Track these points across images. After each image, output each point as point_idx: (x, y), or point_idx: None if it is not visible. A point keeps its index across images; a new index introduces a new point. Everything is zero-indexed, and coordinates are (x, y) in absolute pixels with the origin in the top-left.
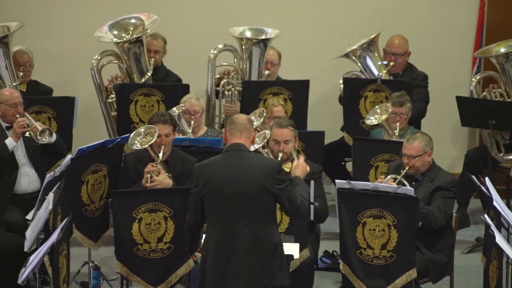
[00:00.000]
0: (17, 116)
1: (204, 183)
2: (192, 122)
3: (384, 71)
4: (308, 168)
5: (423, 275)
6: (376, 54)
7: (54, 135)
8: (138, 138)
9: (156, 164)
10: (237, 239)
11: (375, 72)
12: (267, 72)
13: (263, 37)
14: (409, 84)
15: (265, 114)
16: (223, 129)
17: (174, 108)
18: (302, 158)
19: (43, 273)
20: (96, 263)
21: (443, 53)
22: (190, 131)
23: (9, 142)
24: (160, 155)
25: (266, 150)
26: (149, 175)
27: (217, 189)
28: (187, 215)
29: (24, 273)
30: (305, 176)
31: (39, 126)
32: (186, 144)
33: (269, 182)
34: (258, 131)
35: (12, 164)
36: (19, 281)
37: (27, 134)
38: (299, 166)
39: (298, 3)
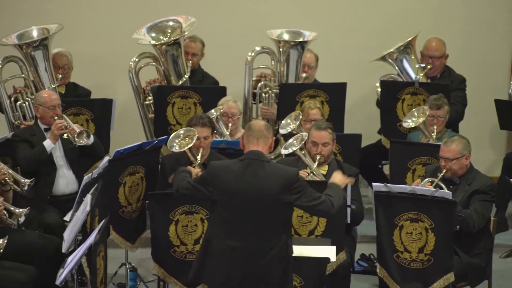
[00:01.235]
0: (56, 118)
1: (217, 188)
2: (230, 125)
3: (422, 74)
4: (346, 180)
5: (461, 279)
6: (413, 57)
7: (92, 137)
8: (177, 141)
9: (194, 166)
10: (244, 246)
11: (412, 75)
12: (304, 74)
13: (301, 39)
14: (446, 87)
15: (301, 116)
16: (241, 136)
17: (212, 111)
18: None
19: (80, 274)
20: (133, 264)
21: (481, 56)
22: (228, 133)
23: (47, 144)
24: (199, 157)
25: (303, 152)
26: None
27: (230, 199)
28: (177, 184)
29: (62, 274)
30: (343, 185)
31: (77, 128)
32: (223, 147)
33: (285, 193)
34: (295, 134)
35: (51, 165)
36: (57, 282)
37: (65, 136)
38: (337, 176)
39: (336, 6)
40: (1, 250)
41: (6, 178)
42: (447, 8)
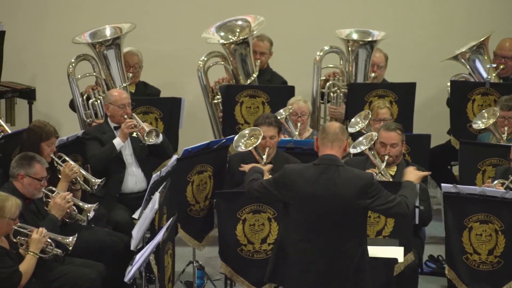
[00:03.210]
0: (125, 116)
1: (291, 192)
2: (299, 124)
3: (494, 74)
4: (421, 173)
5: None
6: (485, 57)
7: (161, 136)
8: (243, 140)
9: None
10: (319, 249)
11: (484, 75)
12: (373, 74)
13: (370, 39)
14: None
15: (370, 116)
16: (315, 137)
17: (281, 110)
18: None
19: (149, 271)
20: (200, 262)
21: None
22: (297, 133)
23: (117, 142)
24: (265, 157)
25: (372, 152)
26: None
27: (305, 203)
28: (249, 185)
29: (131, 272)
30: (419, 181)
31: (146, 127)
32: (290, 146)
33: (361, 198)
34: (364, 133)
35: (120, 164)
36: (126, 279)
37: (134, 134)
38: (411, 172)
39: (405, 5)
40: (70, 247)
41: (78, 177)
42: None
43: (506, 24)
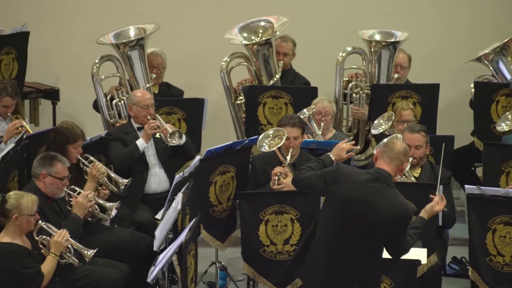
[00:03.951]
0: (149, 117)
1: (336, 189)
2: (322, 124)
3: None
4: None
5: None
6: (509, 58)
7: (184, 137)
8: (267, 141)
9: (284, 166)
10: (344, 253)
11: (508, 76)
12: (396, 75)
13: (393, 40)
14: None
15: (393, 117)
16: (377, 148)
17: (305, 110)
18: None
19: (171, 272)
20: (223, 263)
21: None
22: (320, 133)
23: (140, 143)
24: (288, 157)
25: None
26: (276, 178)
27: (345, 205)
28: (299, 171)
29: (153, 272)
30: (430, 216)
31: (169, 128)
32: (313, 147)
33: (393, 227)
34: (387, 135)
35: (143, 164)
36: (149, 280)
37: (157, 135)
38: (432, 212)
39: (428, 6)
40: (87, 260)
41: (105, 178)
42: None
43: None
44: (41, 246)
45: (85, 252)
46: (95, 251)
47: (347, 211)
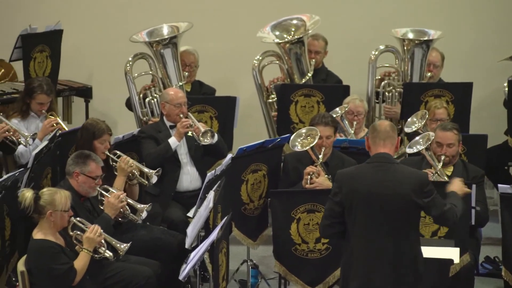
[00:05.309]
0: (181, 116)
1: (350, 194)
2: (354, 123)
3: None
4: (466, 190)
5: None
6: None
7: (216, 136)
8: (299, 140)
9: (316, 165)
10: (382, 252)
11: None
12: (429, 74)
13: (426, 38)
14: None
15: (427, 116)
16: (365, 137)
17: (337, 109)
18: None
19: (203, 270)
20: (254, 261)
21: None
22: (353, 132)
23: (172, 141)
24: (321, 156)
25: (430, 153)
26: (309, 176)
27: (364, 203)
28: (323, 220)
29: (185, 270)
30: (462, 195)
31: (202, 127)
32: (345, 146)
33: (417, 196)
34: (420, 133)
35: (175, 163)
36: (180, 277)
37: (189, 134)
38: (457, 183)
39: (462, 4)
40: (121, 254)
41: (135, 171)
42: None
43: None
44: (75, 241)
45: (119, 246)
46: (129, 244)
47: (369, 205)
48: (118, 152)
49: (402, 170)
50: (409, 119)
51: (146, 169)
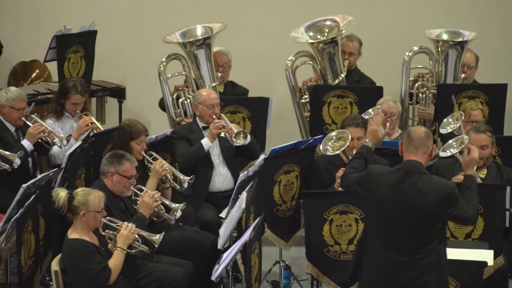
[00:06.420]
0: (214, 117)
1: (370, 192)
2: (388, 124)
3: None
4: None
5: None
6: None
7: (249, 137)
8: (330, 143)
9: None
10: (396, 256)
11: None
12: (463, 75)
13: (460, 39)
14: None
15: (463, 117)
16: (399, 142)
17: (370, 110)
18: (475, 151)
19: (235, 270)
20: (287, 262)
21: None
22: (385, 131)
23: (205, 142)
24: None
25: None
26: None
27: (382, 207)
28: (343, 179)
29: (218, 270)
30: (474, 167)
31: (234, 128)
32: (378, 147)
33: (441, 206)
34: (456, 135)
35: (208, 163)
36: (213, 278)
37: (222, 134)
38: (472, 161)
39: (496, 5)
40: (157, 245)
41: (168, 175)
42: None
43: None
44: (108, 241)
45: (153, 238)
46: (162, 234)
47: (389, 212)
48: (154, 153)
49: (430, 181)
50: (444, 120)
51: (180, 175)
